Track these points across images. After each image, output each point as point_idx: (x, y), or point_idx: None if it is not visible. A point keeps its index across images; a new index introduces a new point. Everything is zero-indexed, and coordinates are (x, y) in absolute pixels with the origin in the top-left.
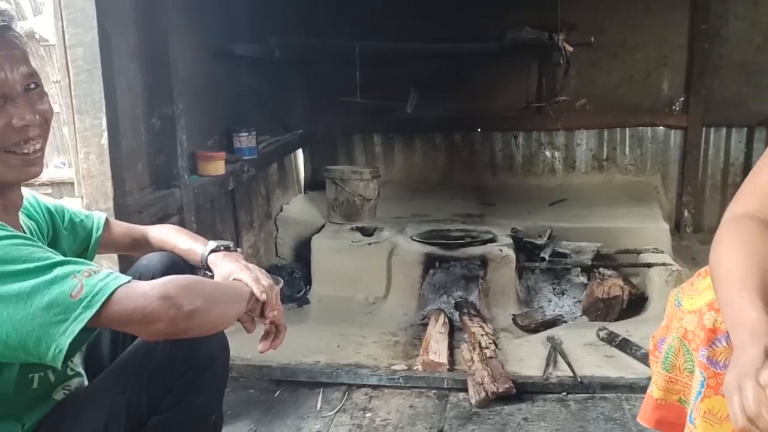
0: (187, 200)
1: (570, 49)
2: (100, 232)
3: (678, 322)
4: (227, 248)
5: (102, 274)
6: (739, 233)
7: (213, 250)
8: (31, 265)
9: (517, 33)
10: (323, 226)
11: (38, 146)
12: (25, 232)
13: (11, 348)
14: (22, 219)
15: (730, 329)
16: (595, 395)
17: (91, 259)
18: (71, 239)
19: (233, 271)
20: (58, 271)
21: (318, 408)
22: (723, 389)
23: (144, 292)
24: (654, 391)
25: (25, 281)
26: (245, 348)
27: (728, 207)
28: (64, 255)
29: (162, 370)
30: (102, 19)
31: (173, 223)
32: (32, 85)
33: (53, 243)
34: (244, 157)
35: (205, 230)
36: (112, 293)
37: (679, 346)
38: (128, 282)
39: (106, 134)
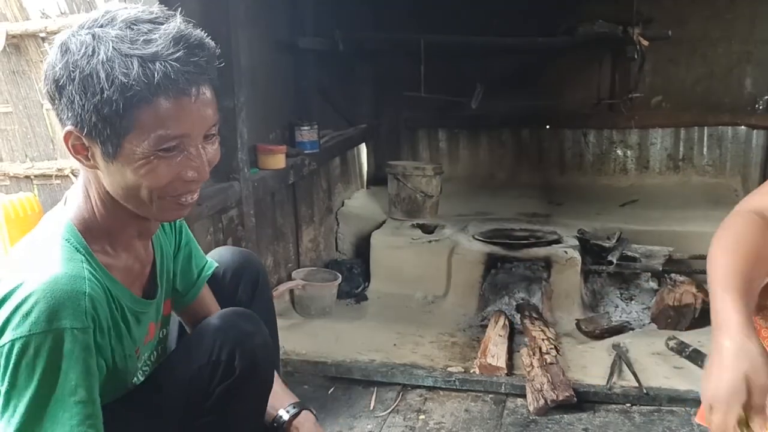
0: (246, 193)
1: (645, 43)
2: (209, 272)
3: (755, 326)
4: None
5: None
6: (738, 229)
7: (293, 416)
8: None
9: (589, 27)
10: (384, 222)
11: (196, 195)
12: (155, 254)
13: None
14: (157, 232)
15: (714, 318)
16: (662, 408)
17: (191, 300)
18: (186, 261)
19: None
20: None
21: (371, 407)
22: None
23: None
24: None
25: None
26: (301, 343)
27: (740, 201)
28: (175, 275)
29: (203, 374)
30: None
31: (231, 217)
32: (212, 130)
33: (176, 255)
34: (306, 151)
35: (265, 223)
36: None
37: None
38: None
39: None
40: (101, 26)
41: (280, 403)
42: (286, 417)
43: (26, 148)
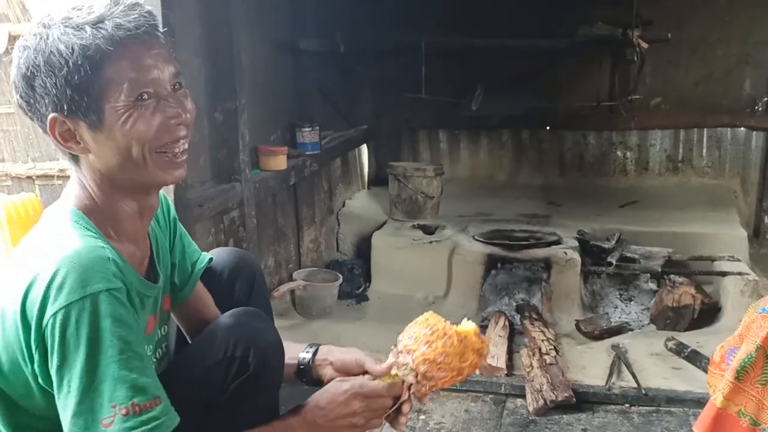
0: (247, 194)
1: (645, 45)
2: (203, 264)
3: (764, 331)
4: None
5: (142, 419)
6: None
7: (314, 353)
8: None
9: (588, 29)
10: (385, 223)
11: (185, 146)
12: (152, 246)
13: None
14: (152, 225)
15: None
16: (660, 409)
17: (188, 295)
18: (181, 255)
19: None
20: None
21: None
22: None
23: None
24: (718, 399)
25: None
26: (301, 341)
27: None
28: (173, 264)
29: (219, 370)
30: (166, 14)
31: (233, 218)
32: (177, 85)
33: (171, 249)
34: (307, 152)
35: (266, 224)
36: None
37: (759, 356)
38: None
39: None
40: (44, 22)
41: (297, 350)
42: (309, 356)
43: (28, 149)
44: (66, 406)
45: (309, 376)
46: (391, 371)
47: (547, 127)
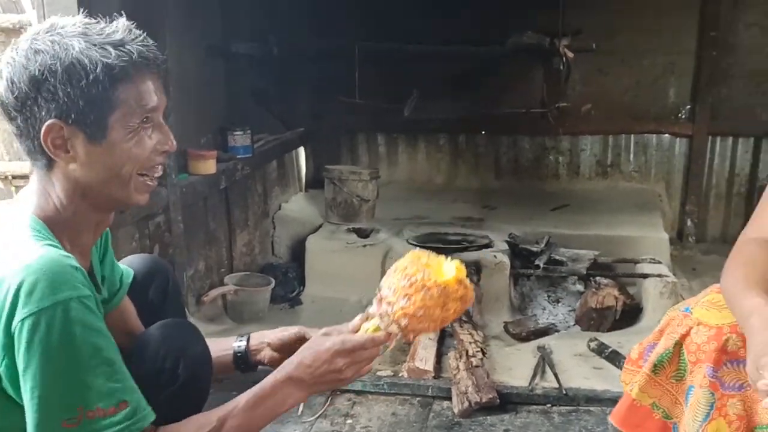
0: (173, 199)
1: (570, 55)
2: (129, 279)
3: (683, 328)
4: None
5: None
6: (746, 255)
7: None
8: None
9: (519, 37)
10: (320, 226)
11: (161, 173)
12: (91, 257)
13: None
14: None
15: (740, 322)
16: (580, 408)
17: (116, 305)
18: (110, 268)
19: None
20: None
21: (299, 413)
22: (749, 379)
23: None
24: (634, 390)
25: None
26: None
27: (743, 230)
28: (103, 277)
29: (148, 382)
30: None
31: (158, 223)
32: (163, 116)
33: (102, 262)
34: (238, 156)
35: (196, 228)
36: None
37: (676, 352)
38: None
39: None
40: (58, 31)
41: (226, 342)
42: (243, 344)
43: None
44: (31, 407)
45: (247, 363)
46: (370, 323)
47: (483, 132)
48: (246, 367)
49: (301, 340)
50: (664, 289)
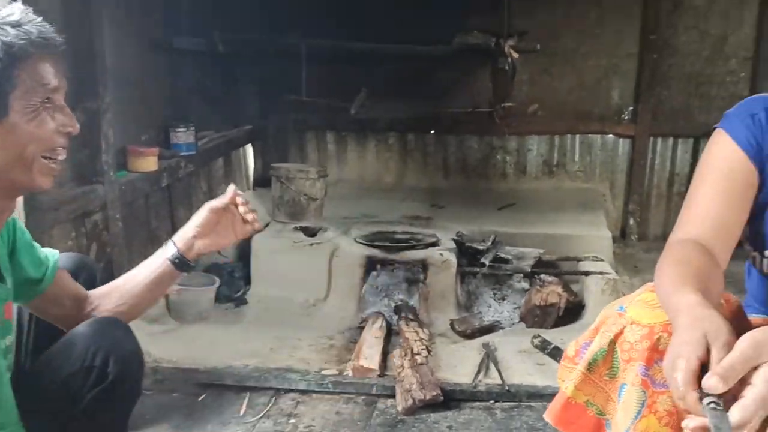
0: (111, 197)
1: (515, 55)
2: (56, 255)
3: (617, 327)
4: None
5: None
6: (678, 254)
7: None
8: None
9: (464, 37)
10: (267, 225)
11: (64, 156)
12: None
13: None
14: None
15: (671, 316)
16: (521, 404)
17: (51, 279)
18: (29, 259)
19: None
20: None
21: (241, 413)
22: (664, 372)
23: None
24: (569, 388)
25: None
26: (174, 350)
27: (672, 232)
28: (25, 270)
29: (76, 380)
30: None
31: (95, 221)
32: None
33: (11, 254)
34: (182, 153)
35: (137, 226)
36: None
37: (610, 350)
38: None
39: None
40: None
41: (154, 261)
42: (173, 249)
43: None
44: None
45: (187, 264)
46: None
47: (432, 131)
48: (188, 267)
49: (216, 213)
50: (605, 286)
